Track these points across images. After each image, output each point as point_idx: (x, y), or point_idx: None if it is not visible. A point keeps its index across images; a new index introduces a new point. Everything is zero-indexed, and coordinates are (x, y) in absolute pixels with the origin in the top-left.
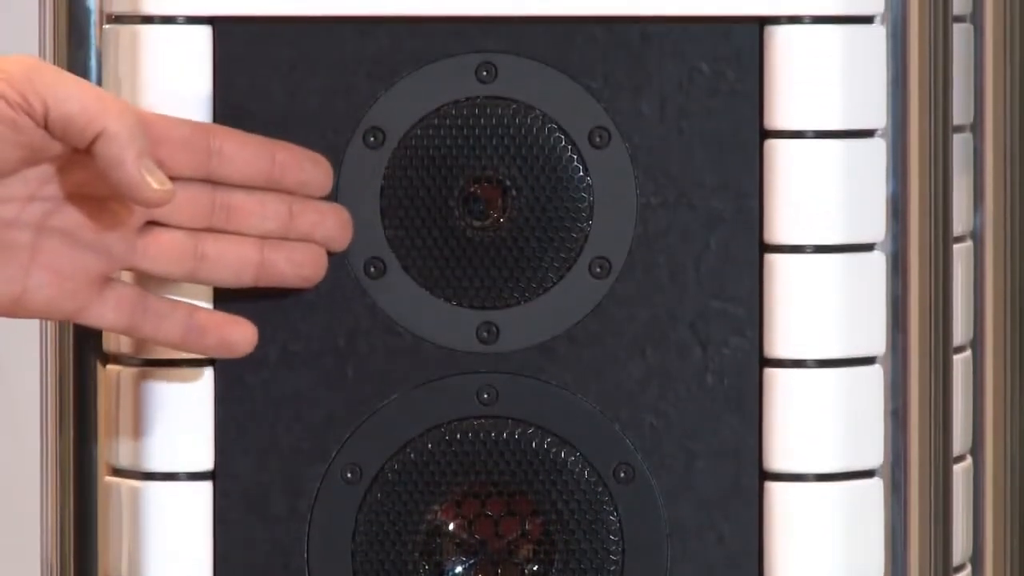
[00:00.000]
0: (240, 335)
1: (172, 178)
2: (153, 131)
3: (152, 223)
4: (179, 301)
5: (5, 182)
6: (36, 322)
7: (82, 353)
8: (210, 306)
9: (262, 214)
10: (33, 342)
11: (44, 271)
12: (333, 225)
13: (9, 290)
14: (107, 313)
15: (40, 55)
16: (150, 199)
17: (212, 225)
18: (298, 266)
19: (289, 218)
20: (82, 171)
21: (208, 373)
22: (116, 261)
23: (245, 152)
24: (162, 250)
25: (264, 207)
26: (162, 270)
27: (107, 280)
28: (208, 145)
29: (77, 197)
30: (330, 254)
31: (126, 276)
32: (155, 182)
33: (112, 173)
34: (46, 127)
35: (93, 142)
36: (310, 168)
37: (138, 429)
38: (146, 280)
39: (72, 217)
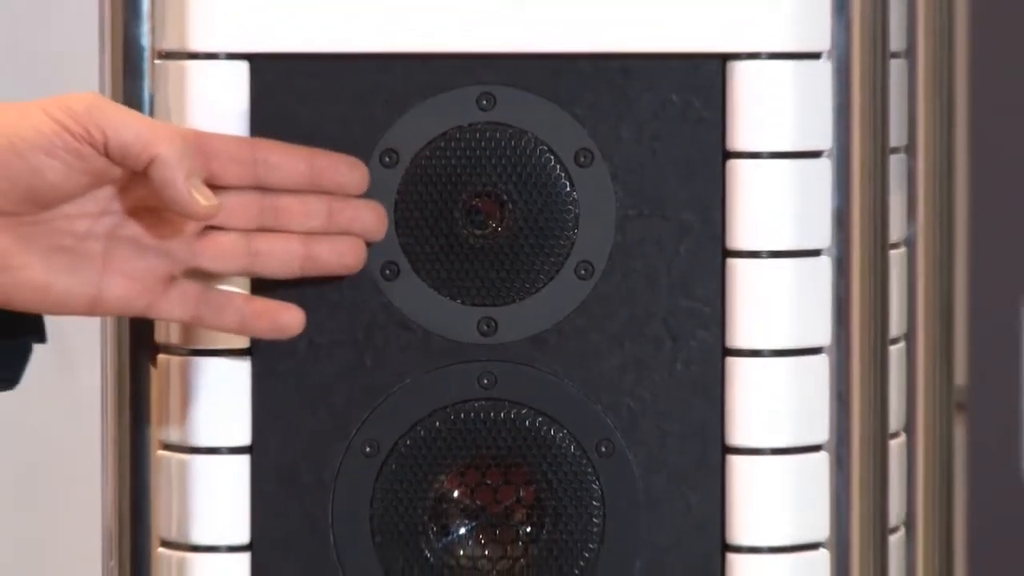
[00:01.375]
0: (290, 318)
1: (224, 186)
2: (206, 148)
3: (209, 227)
4: (235, 292)
5: (78, 201)
6: (98, 319)
7: (137, 345)
8: None
9: (305, 212)
10: (95, 336)
11: (116, 275)
12: (369, 219)
13: (87, 292)
14: (174, 308)
15: (100, 88)
16: (197, 213)
17: (262, 225)
18: (340, 255)
19: (329, 215)
20: (143, 188)
21: (246, 362)
22: (178, 263)
23: (287, 161)
24: (218, 251)
25: (307, 207)
26: (220, 268)
27: (172, 279)
28: (255, 157)
29: (141, 210)
30: (369, 245)
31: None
32: (202, 199)
33: (165, 192)
34: (107, 154)
35: (148, 166)
36: (346, 171)
37: (185, 410)
38: (207, 276)
39: (137, 227)
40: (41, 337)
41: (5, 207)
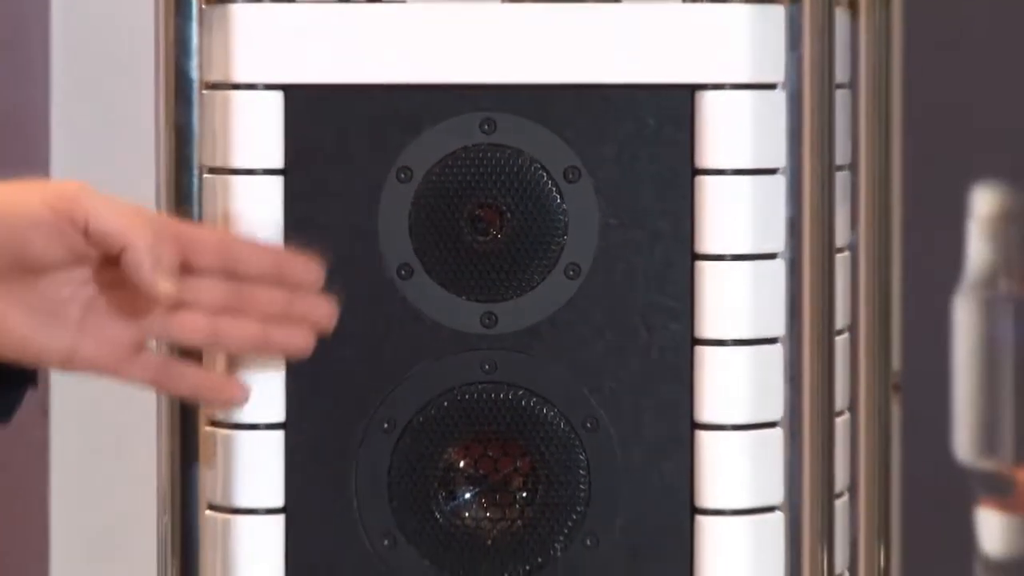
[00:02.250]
0: (235, 393)
1: (198, 270)
2: (183, 237)
3: (181, 304)
4: (192, 366)
5: (63, 271)
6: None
7: None
8: None
9: (266, 301)
10: None
11: (90, 338)
12: (321, 312)
13: (62, 349)
14: (138, 373)
15: (155, 114)
16: (158, 297)
17: (227, 307)
18: (291, 341)
19: (286, 306)
20: (120, 266)
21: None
22: (148, 333)
23: (255, 255)
24: (186, 326)
25: (267, 296)
26: (185, 341)
27: (140, 346)
28: (228, 249)
29: (119, 284)
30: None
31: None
32: (165, 285)
33: (132, 276)
34: (87, 236)
35: (121, 251)
36: (305, 269)
37: None
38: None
39: (115, 298)
40: (34, 383)
41: None
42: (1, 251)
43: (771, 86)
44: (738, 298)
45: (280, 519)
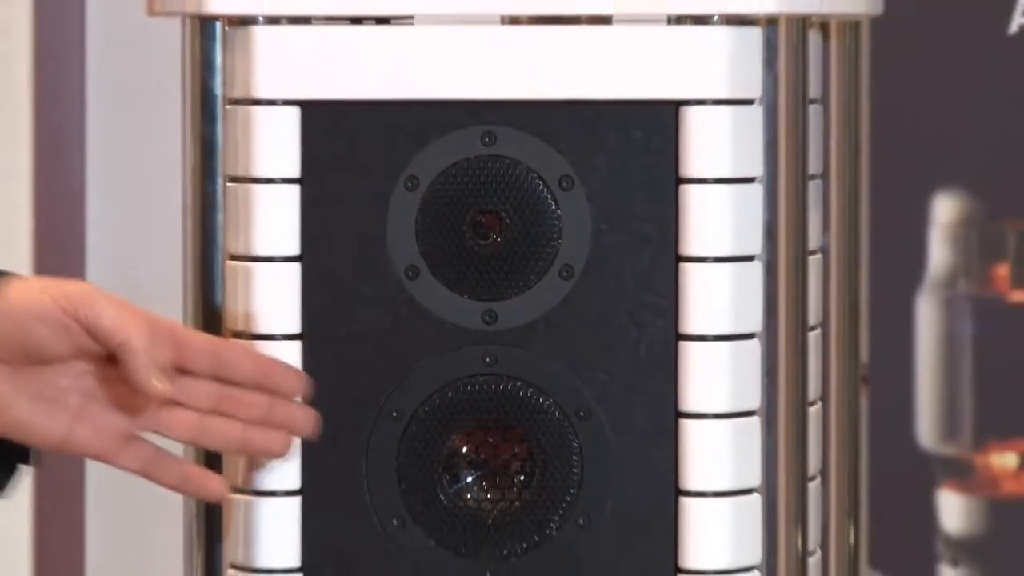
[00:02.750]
0: (215, 487)
1: (191, 372)
2: (180, 340)
3: (172, 401)
4: (179, 458)
5: (64, 363)
6: None
7: None
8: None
9: (249, 405)
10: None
11: (85, 425)
12: (300, 419)
13: (58, 434)
14: (127, 461)
15: (182, 128)
16: (150, 394)
17: (214, 408)
18: (270, 443)
19: (268, 410)
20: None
21: (298, 346)
22: (140, 425)
23: (244, 362)
24: (175, 423)
25: (251, 400)
26: (173, 436)
27: (132, 436)
28: (219, 354)
29: (116, 379)
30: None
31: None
32: (157, 383)
33: (128, 372)
34: (88, 332)
35: (117, 348)
36: (288, 379)
37: None
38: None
39: (112, 391)
40: (30, 461)
41: (5, 356)
42: (10, 342)
43: (749, 102)
44: (718, 297)
45: (296, 500)
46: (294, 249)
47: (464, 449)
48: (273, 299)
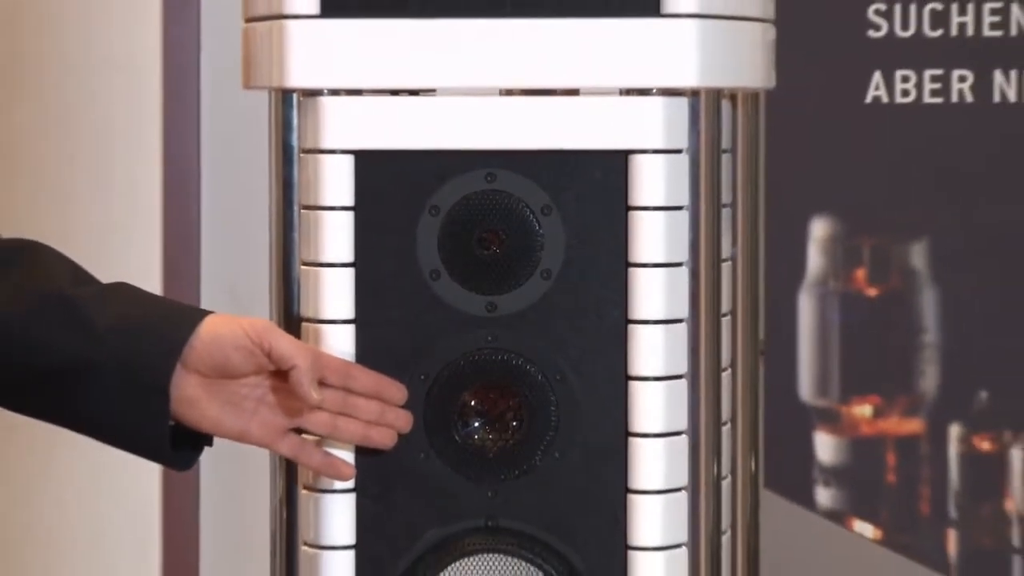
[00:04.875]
0: (346, 468)
1: (326, 386)
2: (326, 363)
3: (316, 406)
4: (319, 448)
5: (246, 378)
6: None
7: None
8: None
9: (367, 410)
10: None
11: (256, 422)
12: (403, 420)
13: (237, 428)
14: (284, 448)
15: (269, 172)
16: (309, 402)
17: (343, 411)
18: (382, 437)
19: (380, 414)
20: (286, 378)
21: (351, 328)
22: (293, 423)
23: (364, 380)
24: (317, 421)
25: (369, 406)
26: (315, 431)
27: (287, 430)
28: (347, 372)
29: (282, 390)
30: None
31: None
32: (315, 394)
33: (295, 386)
34: (268, 357)
35: (290, 369)
36: (394, 392)
37: None
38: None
39: (276, 398)
40: (210, 442)
41: (206, 372)
42: (213, 362)
43: (678, 151)
44: (657, 293)
45: (352, 497)
46: (349, 258)
47: (472, 402)
48: (333, 294)
